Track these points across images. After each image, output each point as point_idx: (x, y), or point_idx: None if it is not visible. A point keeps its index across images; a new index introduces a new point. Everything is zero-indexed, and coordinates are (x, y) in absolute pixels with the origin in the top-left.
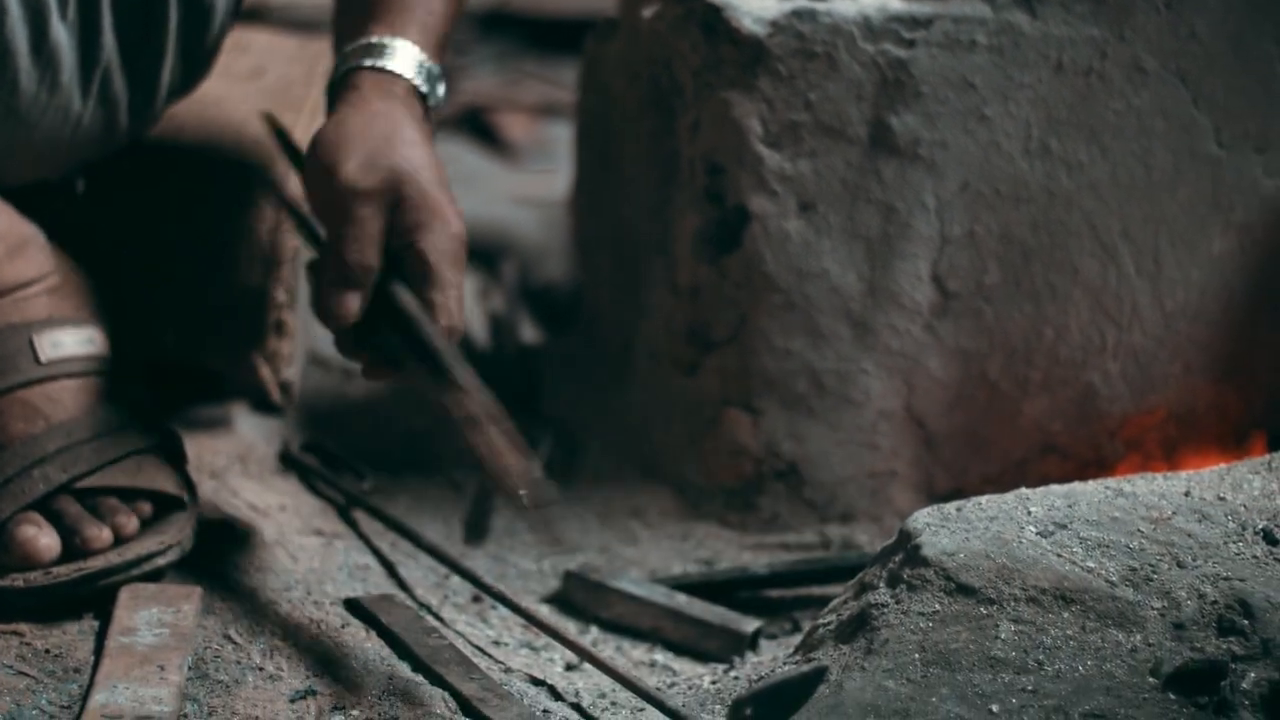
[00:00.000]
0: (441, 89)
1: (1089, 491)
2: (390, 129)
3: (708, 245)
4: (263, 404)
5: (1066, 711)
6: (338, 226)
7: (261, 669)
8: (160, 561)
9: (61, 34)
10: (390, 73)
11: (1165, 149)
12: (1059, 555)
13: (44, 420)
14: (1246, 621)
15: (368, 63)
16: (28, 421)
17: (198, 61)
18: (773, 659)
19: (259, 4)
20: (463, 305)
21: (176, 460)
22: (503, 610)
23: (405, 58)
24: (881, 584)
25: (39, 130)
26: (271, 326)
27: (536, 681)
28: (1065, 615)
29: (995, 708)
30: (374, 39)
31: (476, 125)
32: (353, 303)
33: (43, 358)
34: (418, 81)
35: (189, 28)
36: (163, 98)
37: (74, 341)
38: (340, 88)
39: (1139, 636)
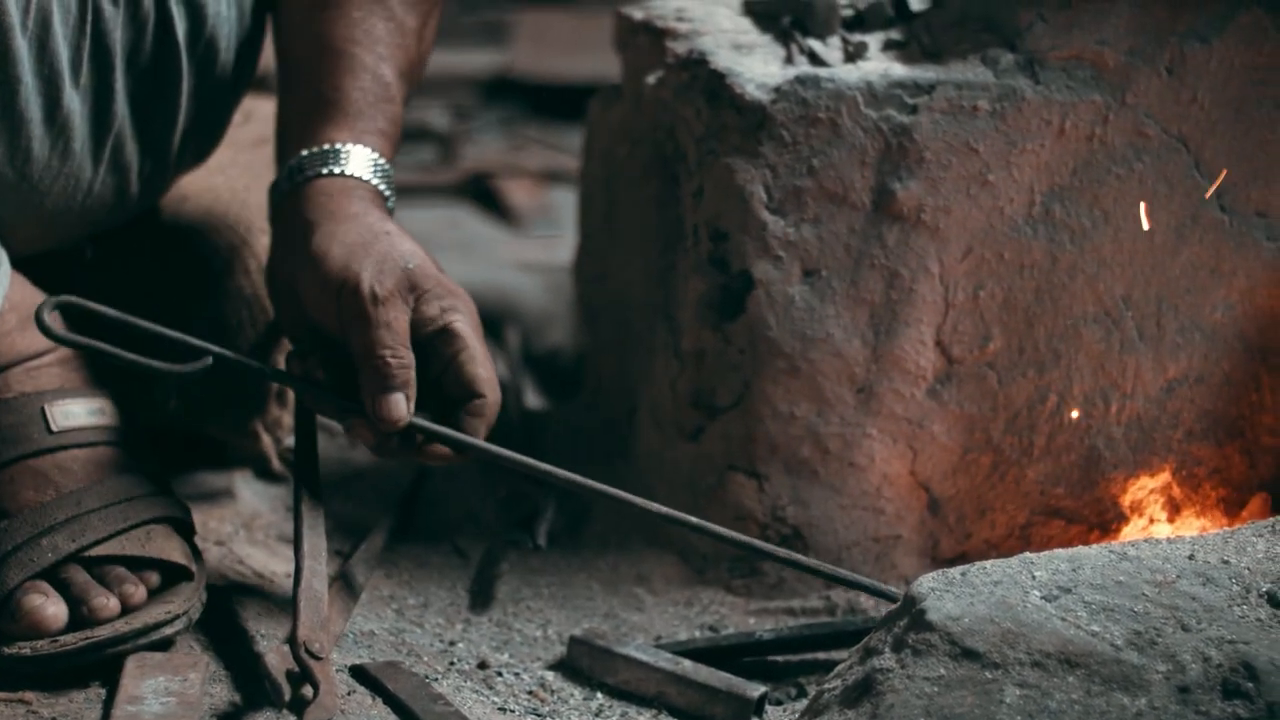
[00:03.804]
0: (392, 190)
1: (1093, 555)
2: (379, 229)
3: (712, 311)
4: (265, 472)
5: None
6: (366, 336)
7: None
8: (168, 631)
9: (74, 101)
10: (355, 179)
11: (1167, 214)
12: (1064, 619)
13: (54, 489)
14: (1251, 684)
15: (334, 170)
16: (38, 490)
17: (209, 130)
18: None
19: (264, 72)
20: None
21: (185, 531)
22: (508, 677)
23: (365, 163)
24: (886, 649)
25: (50, 197)
26: (273, 395)
27: None
28: (1070, 679)
29: None
30: (335, 145)
31: (480, 191)
32: (400, 404)
33: (54, 427)
34: (380, 185)
35: (201, 95)
36: (173, 165)
37: (85, 411)
38: (304, 195)
39: (1144, 700)
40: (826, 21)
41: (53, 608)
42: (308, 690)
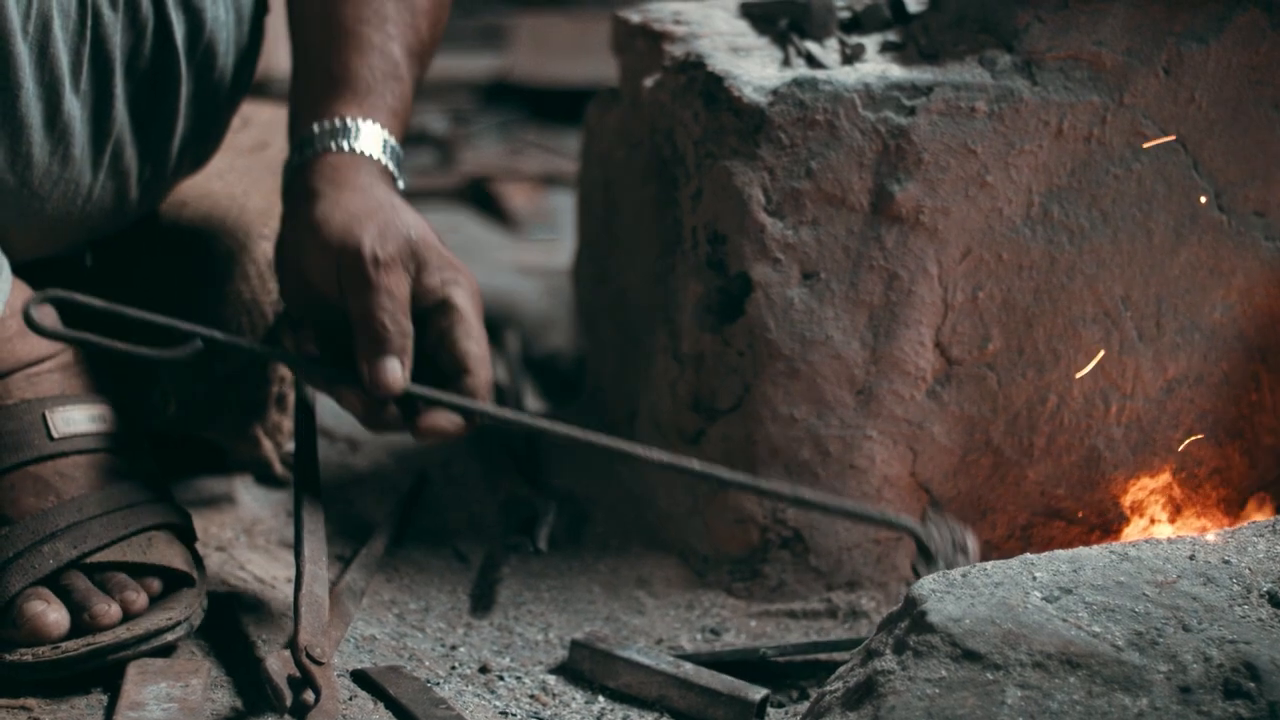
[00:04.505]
0: (402, 171)
1: (1094, 556)
2: (384, 200)
3: (710, 314)
4: (266, 477)
5: None
6: (365, 300)
7: None
8: (169, 637)
9: (74, 107)
10: (364, 155)
11: (1165, 214)
12: (1065, 620)
13: (55, 496)
14: (1253, 684)
15: (344, 145)
16: (39, 497)
17: (208, 135)
18: None
19: (262, 78)
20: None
21: (186, 537)
22: (510, 681)
23: (375, 140)
24: (888, 651)
25: (50, 203)
26: (273, 399)
27: None
28: (1072, 680)
29: None
30: (345, 120)
31: (479, 195)
32: (397, 370)
33: (55, 434)
34: (389, 164)
35: (199, 100)
36: (172, 171)
37: (85, 418)
38: (313, 168)
39: (1145, 700)
40: (823, 24)
41: (54, 614)
42: (309, 695)
